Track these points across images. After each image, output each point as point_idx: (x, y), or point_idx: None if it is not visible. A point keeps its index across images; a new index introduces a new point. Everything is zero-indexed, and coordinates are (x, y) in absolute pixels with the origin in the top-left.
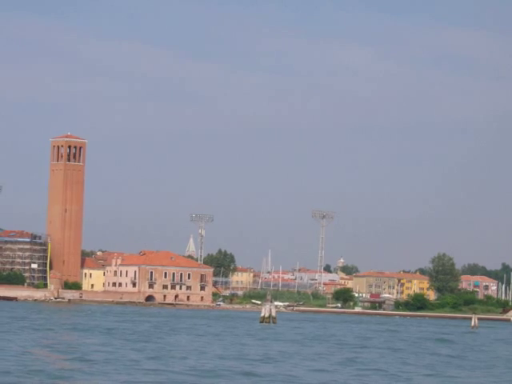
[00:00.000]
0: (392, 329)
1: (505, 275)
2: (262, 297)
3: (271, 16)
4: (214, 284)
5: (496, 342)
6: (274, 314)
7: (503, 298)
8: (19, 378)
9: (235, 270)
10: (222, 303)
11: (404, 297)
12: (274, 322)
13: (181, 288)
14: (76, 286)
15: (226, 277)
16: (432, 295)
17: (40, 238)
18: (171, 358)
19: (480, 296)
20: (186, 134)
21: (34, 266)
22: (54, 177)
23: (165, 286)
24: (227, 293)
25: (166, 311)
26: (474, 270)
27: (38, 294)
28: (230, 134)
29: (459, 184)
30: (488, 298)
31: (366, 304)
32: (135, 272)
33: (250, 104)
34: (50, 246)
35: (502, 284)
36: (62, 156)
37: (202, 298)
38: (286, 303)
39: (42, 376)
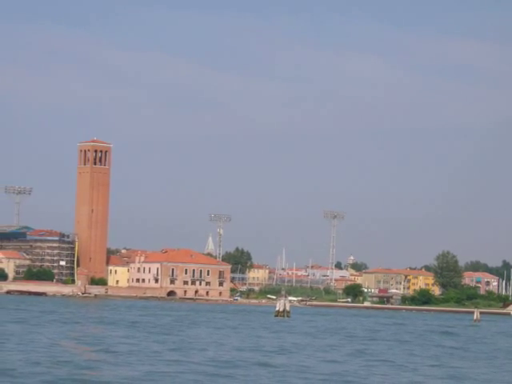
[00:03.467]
0: (399, 322)
1: (505, 272)
2: (276, 292)
3: (285, 28)
4: (232, 280)
5: (497, 335)
6: (288, 308)
7: (504, 293)
8: (48, 368)
9: (252, 266)
10: (239, 298)
11: (410, 292)
12: (288, 316)
13: (200, 284)
14: (102, 282)
15: (243, 273)
16: (437, 291)
17: (68, 236)
18: (191, 350)
19: (482, 291)
20: (205, 138)
21: (63, 263)
22: (81, 179)
23: (185, 282)
24: (244, 288)
25: (186, 306)
26: (476, 266)
27: (66, 290)
28: (247, 138)
29: (462, 185)
30: (489, 293)
31: (374, 299)
32: (157, 269)
33: (265, 110)
34: (77, 244)
35: (503, 280)
36: (88, 160)
37: (220, 293)
38: (300, 298)
39: (70, 367)
